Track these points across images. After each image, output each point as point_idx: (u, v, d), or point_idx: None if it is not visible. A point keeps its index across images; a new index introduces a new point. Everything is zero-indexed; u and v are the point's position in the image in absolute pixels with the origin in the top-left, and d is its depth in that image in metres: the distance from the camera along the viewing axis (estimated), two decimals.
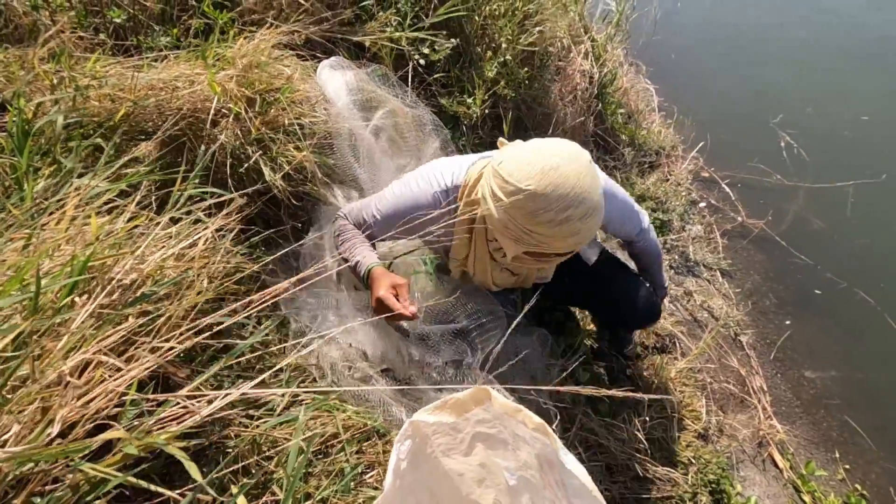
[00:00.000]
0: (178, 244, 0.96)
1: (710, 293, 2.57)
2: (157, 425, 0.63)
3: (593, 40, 2.87)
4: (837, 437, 2.14)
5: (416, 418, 0.95)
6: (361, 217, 1.38)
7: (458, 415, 0.98)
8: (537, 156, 1.05)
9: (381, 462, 1.11)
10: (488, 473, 0.99)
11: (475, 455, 0.99)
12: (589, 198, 1.04)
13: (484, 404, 0.98)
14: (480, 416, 0.98)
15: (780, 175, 3.18)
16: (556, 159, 1.04)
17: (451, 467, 0.97)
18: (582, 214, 1.04)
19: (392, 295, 1.19)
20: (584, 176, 1.04)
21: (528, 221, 1.06)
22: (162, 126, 1.23)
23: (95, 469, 0.55)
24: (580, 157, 1.07)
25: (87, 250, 0.78)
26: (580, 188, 1.03)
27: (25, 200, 0.96)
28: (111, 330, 0.65)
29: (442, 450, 0.97)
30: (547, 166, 1.03)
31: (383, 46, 2.09)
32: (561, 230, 1.05)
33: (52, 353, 0.58)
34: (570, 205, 1.02)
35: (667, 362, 2.03)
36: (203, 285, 0.96)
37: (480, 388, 0.98)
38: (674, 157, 3.21)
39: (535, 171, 1.03)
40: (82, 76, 1.22)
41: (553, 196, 1.02)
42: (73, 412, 0.56)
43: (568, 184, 1.02)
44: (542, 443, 0.97)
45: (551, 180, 1.02)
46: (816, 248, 2.81)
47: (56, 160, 1.09)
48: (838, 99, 3.80)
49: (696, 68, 4.07)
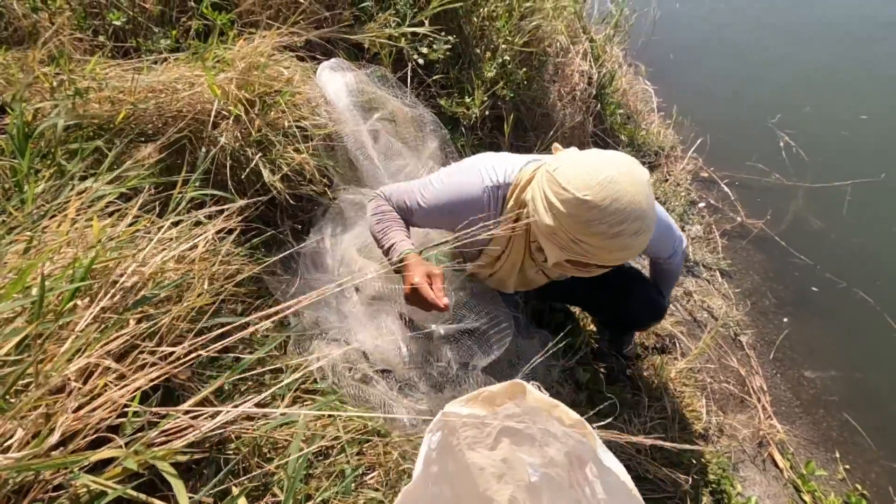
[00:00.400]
0: (179, 247, 0.96)
1: (709, 293, 2.57)
2: (160, 436, 0.63)
3: (592, 41, 2.87)
4: (837, 436, 2.14)
5: (449, 409, 0.95)
6: (403, 201, 1.34)
7: (490, 408, 0.98)
8: (598, 166, 1.04)
9: (382, 463, 1.11)
10: (509, 469, 0.99)
11: (500, 449, 0.99)
12: (644, 215, 1.03)
13: (517, 399, 0.98)
14: (510, 411, 0.98)
15: (779, 175, 3.18)
16: (617, 172, 1.03)
17: (474, 461, 0.96)
18: (635, 231, 1.03)
19: (427, 284, 1.17)
20: (641, 193, 1.03)
21: (580, 231, 1.05)
22: (162, 128, 1.23)
23: (95, 481, 0.55)
24: (640, 174, 1.06)
25: (89, 253, 0.78)
26: (637, 204, 1.02)
27: (26, 203, 0.96)
28: (115, 334, 0.64)
29: (468, 443, 0.97)
30: (607, 178, 1.01)
31: (382, 46, 2.09)
32: (612, 243, 1.05)
33: (56, 357, 0.58)
34: (625, 220, 1.02)
35: (666, 362, 2.03)
36: (204, 287, 0.96)
37: (515, 382, 0.98)
38: (673, 157, 3.22)
39: (594, 181, 1.02)
40: (82, 79, 1.22)
41: (610, 209, 1.01)
42: (75, 421, 0.56)
43: (625, 198, 1.01)
44: (576, 440, 0.96)
45: (610, 192, 1.01)
46: (816, 248, 2.81)
47: (57, 163, 1.09)
48: (837, 98, 3.80)
49: (694, 69, 4.07)
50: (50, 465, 0.53)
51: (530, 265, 1.41)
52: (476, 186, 1.26)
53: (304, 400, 1.16)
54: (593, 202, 1.01)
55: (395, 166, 1.78)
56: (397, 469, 1.12)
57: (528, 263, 1.40)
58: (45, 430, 0.54)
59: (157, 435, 0.62)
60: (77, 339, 0.61)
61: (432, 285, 1.18)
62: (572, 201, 1.03)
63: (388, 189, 1.39)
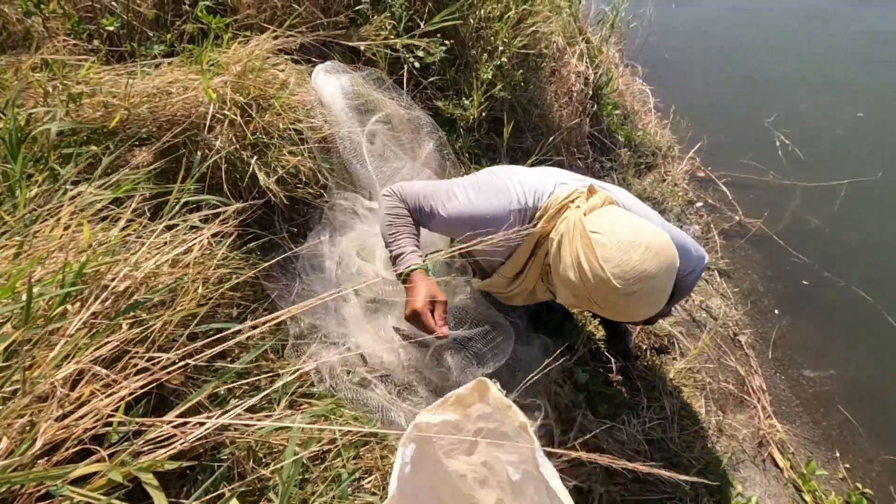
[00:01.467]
0: (172, 251, 0.95)
1: (708, 293, 2.57)
2: (146, 446, 0.62)
3: (588, 42, 2.88)
4: (837, 435, 2.13)
5: (420, 420, 0.94)
6: (420, 206, 1.30)
7: (461, 411, 0.97)
8: (637, 253, 1.04)
9: (380, 467, 1.11)
10: (490, 472, 0.98)
11: (477, 453, 0.98)
12: (661, 297, 1.08)
13: (486, 397, 0.98)
14: (481, 411, 0.98)
15: (777, 174, 3.18)
16: (655, 266, 1.04)
17: (454, 468, 0.96)
18: (648, 304, 1.07)
19: (429, 311, 1.18)
20: (667, 281, 1.07)
21: (598, 297, 1.08)
22: (156, 132, 1.23)
23: (78, 493, 0.54)
24: (672, 261, 1.08)
25: (80, 258, 0.77)
26: (660, 291, 1.07)
27: (18, 208, 0.96)
28: (104, 339, 0.64)
29: (444, 451, 0.96)
30: (644, 273, 1.03)
31: (378, 50, 2.09)
32: (623, 312, 1.09)
33: (44, 363, 0.58)
34: (644, 302, 1.06)
35: (665, 363, 2.03)
36: (198, 292, 0.95)
37: (480, 380, 0.98)
38: (670, 157, 3.22)
39: (630, 271, 1.03)
40: (75, 83, 1.21)
41: (635, 295, 1.04)
42: (60, 430, 0.55)
43: (653, 288, 1.05)
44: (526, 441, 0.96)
45: (641, 285, 1.04)
46: (814, 247, 2.81)
47: (50, 167, 1.08)
48: (832, 96, 3.81)
49: (691, 69, 4.08)
50: (32, 478, 0.52)
51: (542, 288, 1.41)
52: (503, 208, 1.24)
53: (301, 404, 1.15)
54: (622, 290, 1.04)
55: (392, 169, 1.78)
56: None
57: (540, 287, 1.40)
58: (28, 440, 0.53)
59: (144, 444, 0.62)
60: (66, 344, 0.60)
61: (434, 312, 1.19)
62: (602, 278, 1.04)
63: (403, 189, 1.34)
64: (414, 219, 1.32)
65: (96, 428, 0.58)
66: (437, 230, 1.36)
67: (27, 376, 0.55)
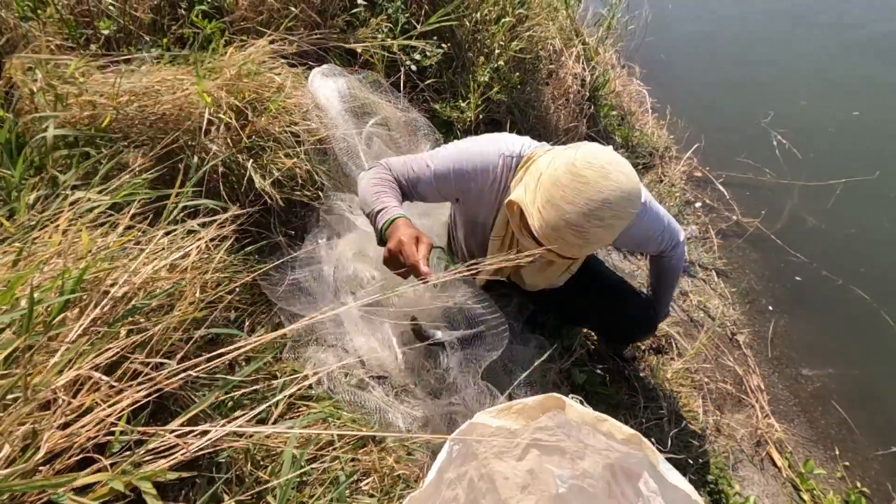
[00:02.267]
0: (170, 255, 0.95)
1: (706, 293, 2.58)
2: (148, 455, 0.62)
3: (585, 43, 2.88)
4: (836, 434, 2.14)
5: (479, 420, 0.95)
6: (408, 169, 1.27)
7: (524, 422, 0.97)
8: (591, 170, 1.06)
9: (378, 469, 1.11)
10: (534, 479, 0.98)
11: (527, 460, 0.99)
12: (611, 218, 1.06)
13: (552, 412, 0.97)
14: (542, 424, 0.97)
15: (774, 173, 3.19)
16: (607, 180, 1.05)
17: (500, 469, 0.96)
18: (595, 218, 1.05)
19: (413, 244, 1.07)
20: (618, 197, 1.05)
21: (549, 214, 1.08)
22: (149, 134, 1.23)
23: (81, 502, 0.55)
24: (631, 188, 1.07)
25: (79, 264, 0.78)
26: (609, 205, 1.05)
27: (18, 214, 0.96)
28: (105, 346, 0.64)
29: (495, 452, 0.97)
30: (596, 177, 1.05)
31: (375, 53, 2.10)
32: (562, 232, 1.07)
33: (46, 370, 0.58)
34: (591, 212, 1.04)
35: (663, 363, 2.03)
36: (196, 296, 0.95)
37: (551, 395, 0.97)
38: (668, 157, 3.23)
39: (584, 172, 1.05)
40: (61, 83, 1.21)
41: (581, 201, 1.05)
42: (62, 439, 0.55)
43: (600, 195, 1.04)
44: (621, 453, 0.95)
45: (590, 187, 1.05)
46: (812, 246, 2.82)
47: (50, 174, 1.09)
48: (829, 95, 3.82)
49: (688, 69, 4.09)
50: (34, 486, 0.52)
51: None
52: (493, 153, 1.26)
53: (299, 406, 1.15)
54: (572, 217, 1.05)
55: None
56: (392, 475, 1.11)
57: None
58: (32, 448, 0.53)
59: (145, 453, 0.62)
60: (67, 351, 0.60)
61: (417, 248, 1.08)
62: (555, 178, 1.08)
63: (390, 159, 1.32)
64: (401, 187, 1.29)
65: (98, 437, 0.59)
66: (426, 191, 1.29)
67: (29, 383, 0.56)
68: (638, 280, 2.47)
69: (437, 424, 1.33)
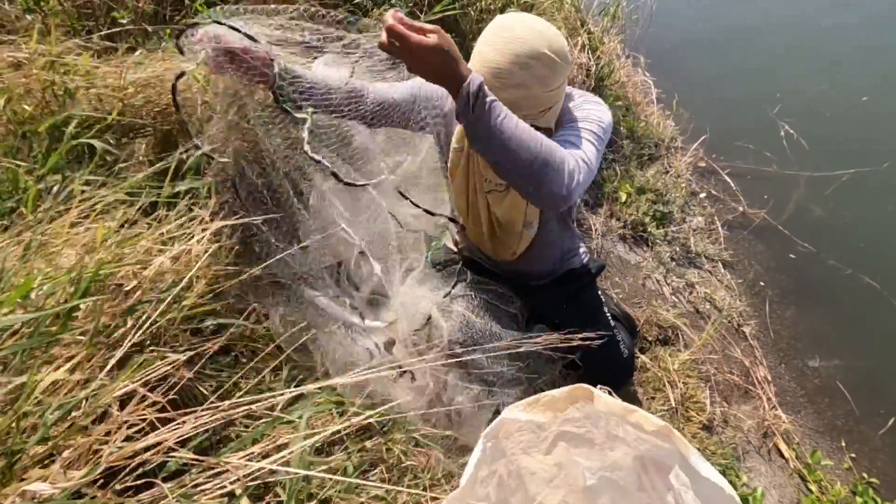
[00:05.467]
0: (179, 246, 0.95)
1: (712, 284, 2.56)
2: (199, 476, 0.62)
3: (590, 32, 2.86)
4: (843, 425, 2.13)
5: (507, 416, 0.95)
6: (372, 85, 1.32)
7: (552, 414, 0.96)
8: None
9: (385, 459, 1.11)
10: (561, 472, 0.96)
11: (555, 454, 0.98)
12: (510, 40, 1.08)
13: (579, 403, 0.97)
14: (570, 415, 0.97)
15: (781, 164, 3.16)
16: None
17: (526, 465, 0.95)
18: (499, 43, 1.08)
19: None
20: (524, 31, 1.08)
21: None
22: (154, 123, 1.23)
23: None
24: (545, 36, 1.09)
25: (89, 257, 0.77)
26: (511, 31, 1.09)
27: (26, 206, 0.96)
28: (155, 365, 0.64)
29: (522, 447, 0.96)
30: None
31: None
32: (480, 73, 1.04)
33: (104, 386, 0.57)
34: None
35: (670, 354, 2.02)
36: (203, 287, 0.95)
37: (580, 386, 0.97)
38: (673, 148, 3.20)
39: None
40: (71, 77, 1.21)
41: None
42: (118, 459, 0.55)
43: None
44: (651, 445, 0.94)
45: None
46: (819, 236, 2.79)
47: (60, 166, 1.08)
48: (837, 82, 3.76)
49: (693, 59, 4.04)
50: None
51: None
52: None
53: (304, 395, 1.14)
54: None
55: (394, 162, 1.77)
56: (399, 466, 1.11)
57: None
58: (91, 464, 0.53)
59: (197, 475, 0.62)
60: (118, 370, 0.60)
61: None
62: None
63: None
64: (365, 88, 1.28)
65: (154, 459, 0.59)
66: (417, 89, 1.34)
67: (88, 395, 0.55)
68: (644, 271, 2.46)
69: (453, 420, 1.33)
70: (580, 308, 1.65)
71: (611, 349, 1.59)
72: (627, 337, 1.73)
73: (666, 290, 2.42)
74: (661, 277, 2.46)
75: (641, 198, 2.73)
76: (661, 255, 2.57)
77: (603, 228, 2.52)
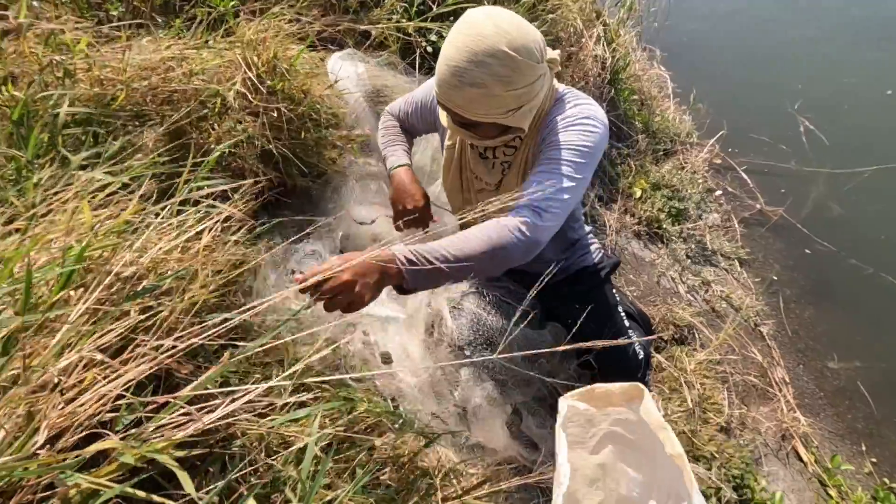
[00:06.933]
0: (182, 235, 0.92)
1: (728, 283, 2.51)
2: (156, 432, 0.59)
3: (605, 25, 2.80)
4: (863, 429, 2.07)
5: (570, 403, 0.92)
6: (400, 104, 1.48)
7: (601, 407, 0.93)
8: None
9: (395, 460, 1.07)
10: (605, 475, 0.93)
11: (601, 455, 0.94)
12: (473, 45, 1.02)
13: (632, 403, 0.93)
14: (623, 416, 0.93)
15: (799, 160, 3.09)
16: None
17: (571, 460, 0.92)
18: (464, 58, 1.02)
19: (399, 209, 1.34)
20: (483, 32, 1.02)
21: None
22: (158, 110, 1.20)
23: (89, 480, 0.51)
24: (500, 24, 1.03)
25: (83, 239, 0.74)
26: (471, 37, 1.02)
27: (26, 192, 0.93)
28: (108, 327, 0.61)
29: (570, 441, 0.93)
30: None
31: (390, 34, 2.04)
32: (440, 70, 1.06)
33: (45, 351, 0.55)
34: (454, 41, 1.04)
35: (686, 354, 1.97)
36: (207, 279, 0.92)
37: (636, 385, 0.94)
38: (689, 144, 3.14)
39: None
40: (69, 58, 1.17)
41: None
42: (61, 418, 0.52)
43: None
44: (671, 471, 0.90)
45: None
46: (838, 235, 2.72)
47: (58, 151, 1.06)
48: (860, 75, 3.66)
49: (710, 52, 3.96)
50: (40, 468, 0.49)
51: (474, 157, 1.36)
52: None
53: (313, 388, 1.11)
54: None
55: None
56: (411, 465, 1.07)
57: (472, 154, 1.36)
58: (30, 430, 0.50)
59: (154, 430, 0.58)
60: (68, 331, 0.57)
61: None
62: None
63: (391, 104, 1.52)
64: (403, 126, 1.49)
65: (101, 414, 0.55)
66: (413, 119, 1.45)
67: (27, 364, 0.52)
68: (659, 269, 2.40)
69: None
70: (594, 308, 1.60)
71: (625, 349, 1.55)
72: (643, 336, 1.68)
73: (681, 288, 2.37)
74: (676, 275, 2.41)
75: (657, 194, 2.67)
76: (676, 253, 2.51)
77: (617, 225, 2.47)
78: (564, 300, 1.58)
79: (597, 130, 1.16)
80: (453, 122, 1.18)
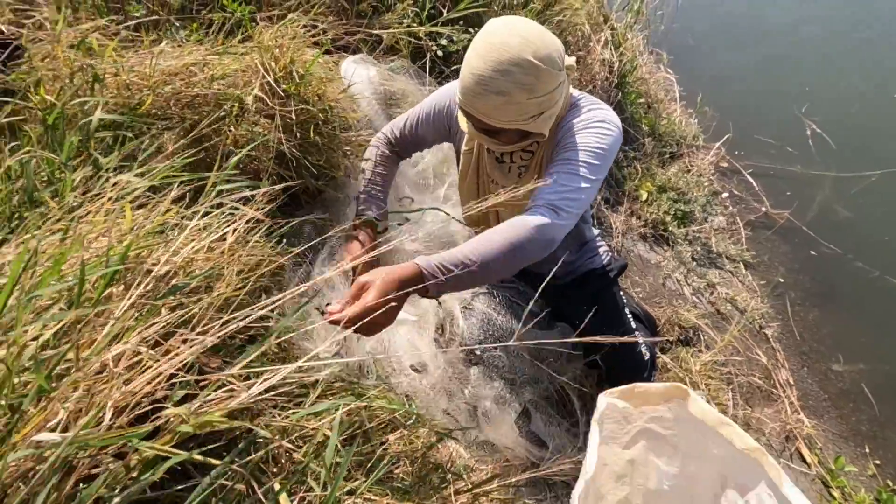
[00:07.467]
0: (209, 236, 0.96)
1: (733, 285, 2.53)
2: (204, 407, 0.64)
3: (613, 29, 2.83)
4: (867, 431, 2.09)
5: (609, 400, 0.94)
6: (397, 122, 1.48)
7: (643, 406, 0.95)
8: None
9: (409, 454, 1.11)
10: (633, 470, 0.95)
11: (633, 450, 0.96)
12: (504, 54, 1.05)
13: (673, 402, 0.95)
14: (659, 414, 0.95)
15: (806, 163, 3.11)
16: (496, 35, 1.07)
17: (601, 455, 0.94)
18: (489, 67, 1.06)
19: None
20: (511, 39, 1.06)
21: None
22: (182, 114, 1.24)
23: (157, 448, 0.56)
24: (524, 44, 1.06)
25: (124, 240, 0.78)
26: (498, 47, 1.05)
27: (62, 195, 0.98)
28: (152, 321, 0.65)
29: (604, 436, 0.95)
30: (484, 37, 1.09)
31: (401, 39, 2.08)
32: (464, 78, 1.09)
33: (97, 341, 0.59)
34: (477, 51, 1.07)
35: (691, 355, 2.00)
36: (233, 278, 0.96)
37: (678, 385, 0.95)
38: (695, 147, 3.16)
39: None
40: (100, 63, 1.22)
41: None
42: (122, 398, 0.57)
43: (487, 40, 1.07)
44: (739, 464, 0.89)
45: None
46: (844, 238, 2.74)
47: (91, 156, 1.10)
48: (867, 78, 3.67)
49: (717, 56, 3.98)
50: (110, 439, 0.54)
51: (491, 162, 1.39)
52: (449, 89, 1.40)
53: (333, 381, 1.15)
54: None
55: (415, 157, 1.78)
56: (424, 459, 1.11)
57: (489, 159, 1.39)
58: (95, 408, 0.55)
59: (202, 405, 0.63)
60: (115, 324, 0.61)
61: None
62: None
63: (387, 126, 1.51)
64: (395, 149, 1.48)
65: (155, 392, 0.60)
66: (411, 136, 1.46)
67: (79, 355, 0.57)
68: (665, 271, 2.43)
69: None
70: (601, 310, 1.62)
71: (632, 350, 1.58)
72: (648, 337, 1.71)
73: (686, 290, 2.40)
74: (681, 277, 2.44)
75: (662, 196, 2.70)
76: (681, 255, 2.54)
77: (623, 227, 2.50)
78: (572, 301, 1.61)
79: (611, 133, 1.19)
80: (475, 128, 1.22)
